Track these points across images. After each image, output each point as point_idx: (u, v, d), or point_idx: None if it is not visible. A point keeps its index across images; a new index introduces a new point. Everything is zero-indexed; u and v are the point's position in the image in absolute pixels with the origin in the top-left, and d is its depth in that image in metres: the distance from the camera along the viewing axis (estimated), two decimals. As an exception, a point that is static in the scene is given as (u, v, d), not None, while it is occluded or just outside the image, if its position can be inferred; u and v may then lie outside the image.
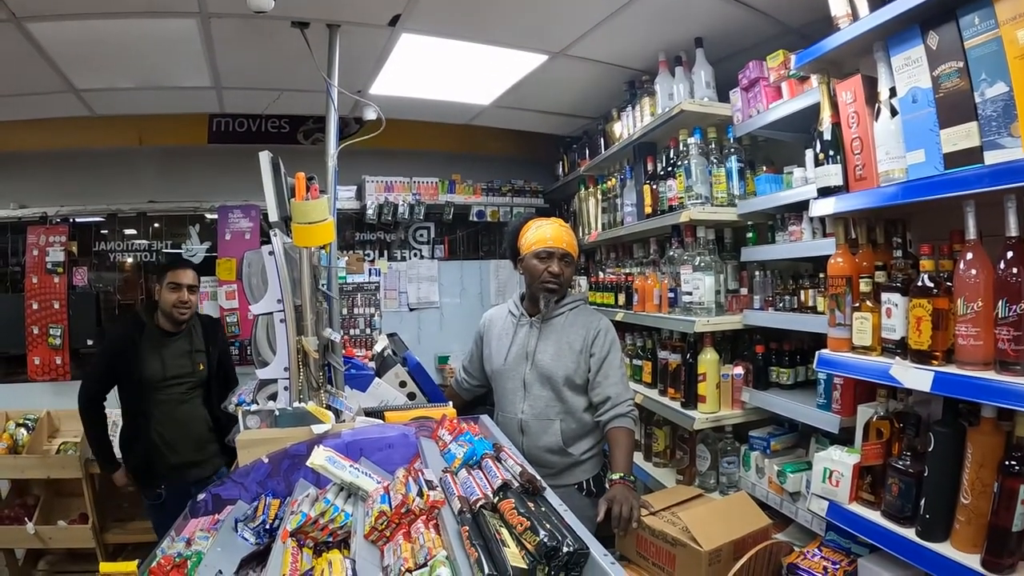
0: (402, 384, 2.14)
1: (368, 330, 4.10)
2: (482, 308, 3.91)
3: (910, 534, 1.34)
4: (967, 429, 1.28)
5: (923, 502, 1.33)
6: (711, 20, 2.40)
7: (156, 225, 4.03)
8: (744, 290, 2.35)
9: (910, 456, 1.38)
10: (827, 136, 1.59)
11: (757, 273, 2.28)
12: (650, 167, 2.76)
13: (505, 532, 1.04)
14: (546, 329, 2.06)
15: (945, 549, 1.27)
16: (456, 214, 4.26)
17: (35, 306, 3.70)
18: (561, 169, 4.10)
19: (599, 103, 3.39)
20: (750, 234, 2.30)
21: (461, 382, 2.35)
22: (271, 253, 1.77)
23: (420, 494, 1.21)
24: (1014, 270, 1.16)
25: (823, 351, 1.63)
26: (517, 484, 1.21)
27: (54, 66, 2.76)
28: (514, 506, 1.09)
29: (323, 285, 2.03)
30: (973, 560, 1.21)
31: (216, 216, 3.98)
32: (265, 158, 1.80)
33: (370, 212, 4.03)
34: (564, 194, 4.17)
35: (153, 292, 2.74)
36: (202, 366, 2.65)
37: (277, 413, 1.67)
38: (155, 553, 1.34)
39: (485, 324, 2.24)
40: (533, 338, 2.06)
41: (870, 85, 1.49)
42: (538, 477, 1.24)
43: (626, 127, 2.99)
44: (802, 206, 1.90)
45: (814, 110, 1.70)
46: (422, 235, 4.46)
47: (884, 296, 1.42)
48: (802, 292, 2.03)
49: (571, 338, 2.02)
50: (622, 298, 2.93)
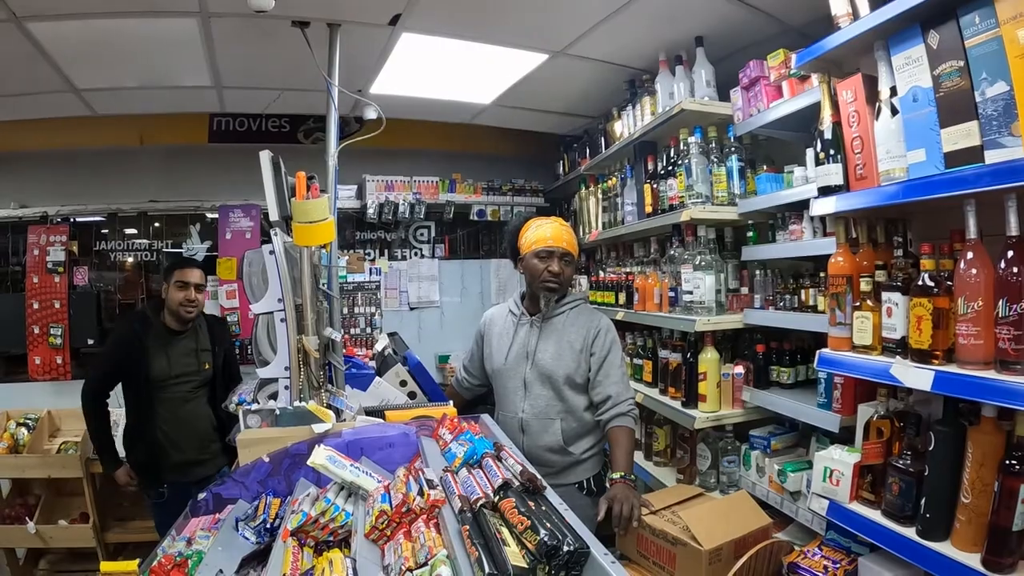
0: (403, 383, 2.14)
1: (369, 329, 4.10)
2: (482, 307, 3.90)
3: (910, 533, 1.34)
4: (967, 428, 1.28)
5: (923, 501, 1.33)
6: (711, 19, 2.40)
7: (157, 224, 4.04)
8: (745, 289, 2.35)
9: (910, 455, 1.38)
10: (828, 135, 1.59)
11: (758, 272, 2.28)
12: (650, 166, 2.76)
13: (506, 531, 1.04)
14: (546, 328, 2.06)
15: (945, 548, 1.27)
16: (457, 213, 4.27)
17: (36, 306, 3.71)
18: (562, 168, 4.10)
19: (600, 102, 3.38)
20: (751, 233, 2.29)
21: (461, 381, 2.35)
22: (272, 252, 1.77)
23: (421, 493, 1.21)
24: (1014, 269, 1.16)
25: (823, 350, 1.63)
26: (518, 483, 1.21)
27: (55, 66, 2.76)
28: (515, 505, 1.09)
29: (324, 284, 2.03)
30: (973, 559, 1.21)
31: (217, 215, 3.99)
32: (266, 157, 1.81)
33: (371, 211, 4.04)
34: (564, 193, 4.17)
35: (157, 291, 2.75)
36: (207, 365, 2.66)
37: (278, 412, 1.68)
38: (156, 552, 1.34)
39: (485, 323, 2.24)
40: (533, 337, 2.06)
41: (871, 84, 1.49)
42: (539, 476, 1.23)
43: (626, 126, 2.99)
44: (803, 205, 1.90)
45: (814, 109, 1.69)
46: (423, 234, 4.45)
47: (885, 295, 1.42)
48: (803, 291, 2.03)
49: (571, 337, 2.02)
50: (623, 297, 2.94)
